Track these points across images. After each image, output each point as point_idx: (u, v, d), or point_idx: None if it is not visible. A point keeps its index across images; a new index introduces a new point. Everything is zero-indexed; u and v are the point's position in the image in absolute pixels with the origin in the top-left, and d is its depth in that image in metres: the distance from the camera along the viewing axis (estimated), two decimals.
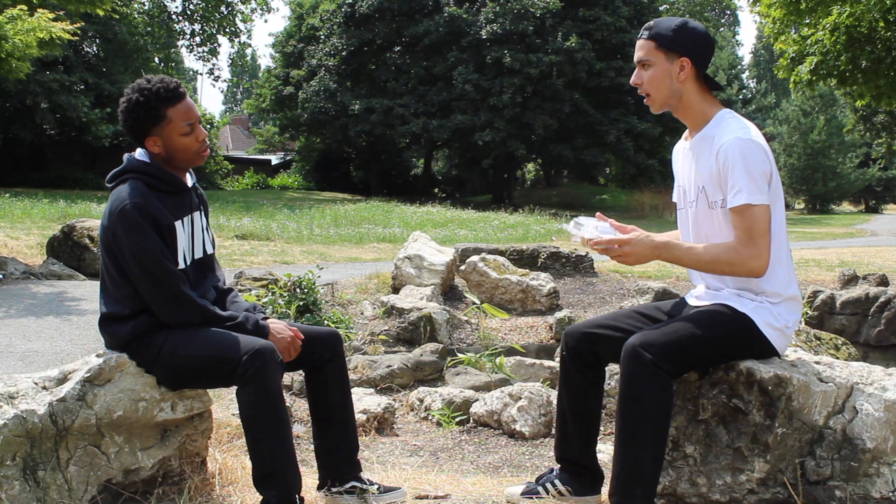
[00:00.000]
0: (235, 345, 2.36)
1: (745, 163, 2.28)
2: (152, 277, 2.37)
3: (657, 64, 2.40)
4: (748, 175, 2.28)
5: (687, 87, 2.42)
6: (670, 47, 2.38)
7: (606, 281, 8.46)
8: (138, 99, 2.43)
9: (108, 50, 25.96)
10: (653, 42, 2.40)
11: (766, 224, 2.30)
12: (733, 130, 2.33)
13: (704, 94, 2.45)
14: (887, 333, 6.59)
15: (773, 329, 2.37)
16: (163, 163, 2.51)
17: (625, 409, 2.27)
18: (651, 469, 2.26)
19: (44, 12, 8.60)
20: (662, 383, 2.24)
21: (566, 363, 2.59)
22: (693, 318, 2.36)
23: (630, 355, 2.26)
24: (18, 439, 2.30)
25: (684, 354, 2.30)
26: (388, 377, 4.72)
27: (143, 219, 2.37)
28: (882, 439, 2.30)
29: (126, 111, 2.46)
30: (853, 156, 42.07)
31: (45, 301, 6.65)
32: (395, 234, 14.15)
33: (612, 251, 2.37)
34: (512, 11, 26.09)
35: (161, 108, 2.43)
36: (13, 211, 13.12)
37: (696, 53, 2.40)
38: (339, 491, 2.61)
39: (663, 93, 2.43)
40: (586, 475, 2.63)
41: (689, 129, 2.52)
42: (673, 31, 2.39)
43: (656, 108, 2.49)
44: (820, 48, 11.28)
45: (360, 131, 28.40)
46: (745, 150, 2.28)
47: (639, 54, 2.44)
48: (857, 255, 12.02)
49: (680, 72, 2.39)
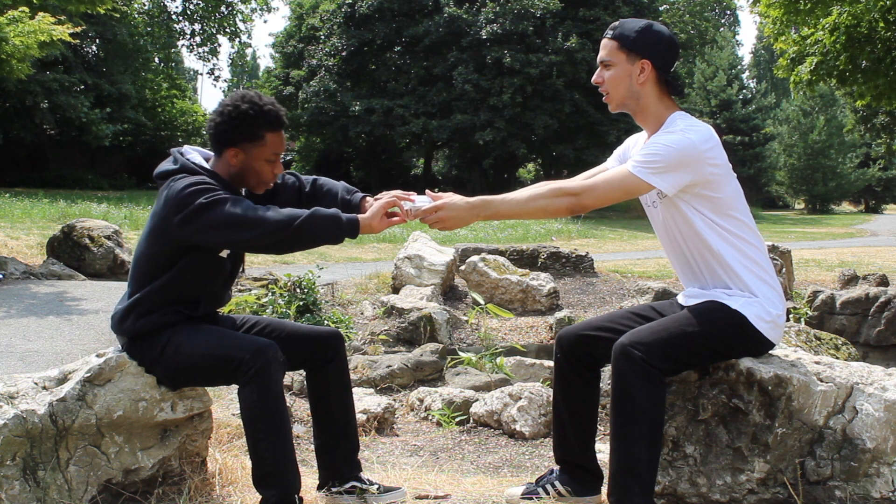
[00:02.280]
0: (239, 343, 2.36)
1: (666, 145, 2.31)
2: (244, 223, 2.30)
3: (618, 64, 2.42)
4: (655, 153, 2.30)
5: (646, 89, 2.43)
6: (632, 48, 2.40)
7: (606, 281, 8.46)
8: (246, 110, 2.41)
9: (107, 50, 25.96)
10: (616, 42, 2.42)
11: (618, 194, 2.36)
12: (681, 128, 2.36)
13: (662, 98, 2.45)
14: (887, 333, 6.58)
15: (765, 322, 2.37)
16: (224, 174, 2.48)
17: (617, 408, 2.28)
18: (647, 467, 2.26)
19: (45, 15, 8.60)
20: (653, 380, 2.25)
21: (561, 365, 2.59)
22: (683, 315, 2.37)
23: (620, 354, 2.27)
24: (18, 439, 2.30)
25: (675, 351, 2.30)
26: (388, 377, 4.72)
27: (209, 184, 2.36)
28: (882, 439, 2.30)
29: (227, 116, 2.43)
30: (853, 156, 42.10)
31: (45, 301, 6.65)
32: (395, 234, 14.15)
33: (429, 218, 2.42)
34: (512, 11, 26.09)
35: (262, 128, 2.44)
36: (13, 211, 13.12)
37: (657, 56, 2.40)
38: (339, 491, 2.60)
39: (621, 93, 2.44)
40: (586, 475, 2.63)
41: (647, 132, 2.53)
42: (636, 33, 2.40)
43: (613, 108, 2.50)
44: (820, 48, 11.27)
45: (360, 131, 28.41)
46: (678, 141, 2.31)
47: (601, 53, 2.46)
48: (857, 255, 12.03)
49: (640, 73, 2.40)
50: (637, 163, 2.32)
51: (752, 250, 2.41)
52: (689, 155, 2.30)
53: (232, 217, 2.29)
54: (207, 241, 2.36)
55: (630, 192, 2.36)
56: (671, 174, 2.31)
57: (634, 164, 2.32)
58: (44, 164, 25.24)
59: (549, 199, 2.37)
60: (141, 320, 2.43)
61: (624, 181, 2.34)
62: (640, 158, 2.32)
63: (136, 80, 27.70)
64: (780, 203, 45.86)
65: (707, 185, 2.35)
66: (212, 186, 2.35)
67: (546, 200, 2.38)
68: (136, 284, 2.47)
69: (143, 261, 2.46)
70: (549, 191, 2.38)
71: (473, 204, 2.41)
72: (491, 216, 2.42)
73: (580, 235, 17.23)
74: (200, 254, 2.42)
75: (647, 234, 19.04)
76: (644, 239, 17.46)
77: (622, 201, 2.44)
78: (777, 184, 43.11)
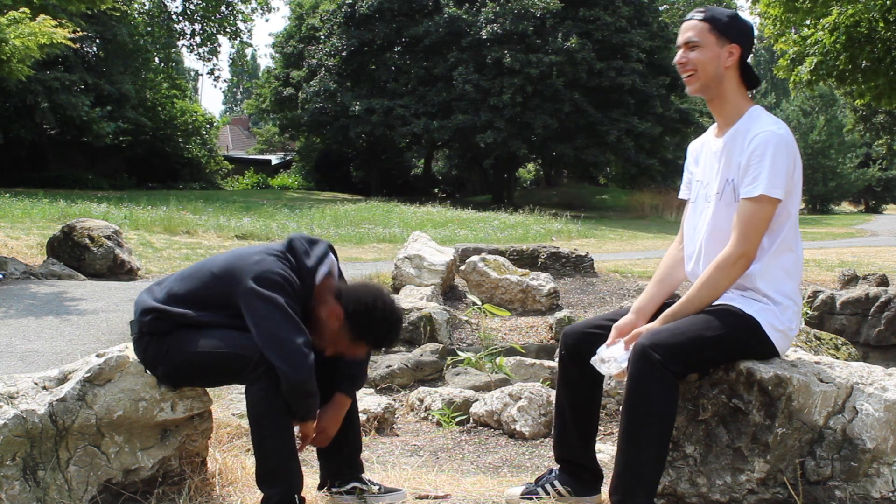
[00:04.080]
0: (248, 342, 2.35)
1: (773, 156, 2.32)
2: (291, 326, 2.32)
3: (707, 46, 2.43)
4: (773, 168, 2.32)
5: (729, 74, 2.45)
6: (724, 32, 2.42)
7: (606, 281, 8.46)
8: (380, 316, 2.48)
9: (107, 50, 25.93)
10: (707, 24, 2.43)
11: (766, 222, 2.34)
12: (768, 124, 2.38)
13: (740, 87, 2.48)
14: (887, 333, 6.58)
15: (777, 331, 2.38)
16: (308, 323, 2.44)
17: (631, 409, 2.27)
18: (653, 469, 2.27)
19: (46, 18, 8.60)
20: (669, 384, 2.25)
21: (565, 362, 2.59)
22: (700, 318, 2.36)
23: (639, 355, 2.26)
24: (18, 439, 2.30)
25: (691, 356, 2.31)
26: (388, 377, 4.72)
27: (290, 289, 2.36)
28: (882, 439, 2.30)
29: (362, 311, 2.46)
30: (853, 156, 42.09)
31: (45, 301, 6.65)
32: (395, 235, 14.15)
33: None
34: (512, 12, 26.07)
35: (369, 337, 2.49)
36: (13, 211, 13.12)
37: (745, 43, 2.45)
38: (339, 491, 2.61)
39: (708, 73, 2.44)
40: (586, 475, 2.63)
41: (720, 124, 2.53)
42: (728, 17, 2.44)
43: (694, 90, 2.49)
44: (820, 48, 11.28)
45: (360, 132, 28.39)
46: (778, 144, 2.33)
47: (688, 34, 2.45)
48: (857, 255, 12.02)
49: (728, 57, 2.43)
50: (766, 183, 2.32)
51: (792, 259, 2.43)
52: (794, 159, 2.36)
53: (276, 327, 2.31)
54: (246, 313, 2.36)
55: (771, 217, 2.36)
56: (790, 179, 2.36)
57: (765, 186, 2.31)
58: (44, 164, 25.23)
59: (727, 276, 2.36)
60: (158, 322, 2.44)
61: (764, 211, 2.34)
62: (766, 178, 2.31)
63: (136, 80, 27.68)
64: None
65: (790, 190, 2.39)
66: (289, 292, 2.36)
67: (725, 279, 2.37)
68: (181, 297, 2.45)
69: (202, 286, 2.45)
70: (718, 269, 2.37)
71: (665, 319, 2.40)
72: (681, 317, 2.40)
73: (580, 235, 17.22)
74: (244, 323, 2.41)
75: (647, 234, 19.03)
76: (644, 239, 17.45)
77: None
78: None
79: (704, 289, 2.38)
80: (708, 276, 2.38)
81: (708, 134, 2.63)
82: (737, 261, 2.34)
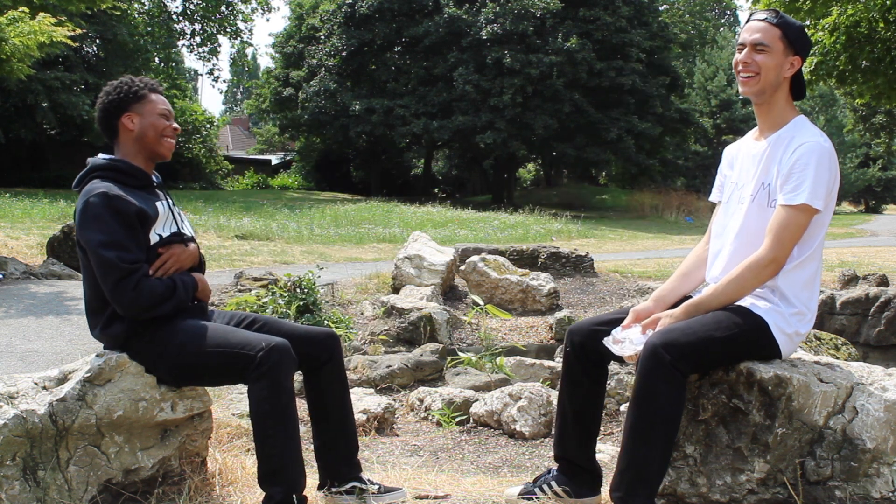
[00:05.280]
0: (249, 340, 2.36)
1: (818, 167, 2.34)
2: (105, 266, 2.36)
3: (776, 52, 2.43)
4: (816, 178, 2.33)
5: (785, 84, 2.47)
6: (793, 42, 2.44)
7: (606, 281, 8.46)
8: (123, 80, 2.59)
9: (108, 50, 25.94)
10: (780, 30, 2.43)
11: (802, 230, 2.36)
12: (814, 135, 2.41)
13: (789, 97, 2.51)
14: (887, 333, 6.58)
15: (784, 334, 2.39)
16: (130, 154, 2.57)
17: (638, 408, 2.26)
18: (657, 469, 2.27)
19: (45, 16, 8.60)
20: (677, 384, 2.25)
21: (570, 360, 2.58)
22: (711, 318, 2.36)
23: (650, 354, 2.25)
24: (18, 439, 2.30)
25: (701, 356, 2.31)
26: (388, 377, 4.72)
27: (105, 208, 2.38)
28: (882, 439, 2.29)
29: (110, 89, 2.58)
30: (853, 156, 42.07)
31: (45, 301, 6.65)
32: (395, 235, 14.15)
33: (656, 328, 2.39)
34: (512, 12, 26.07)
35: (144, 89, 2.58)
36: (13, 211, 13.12)
37: (805, 57, 2.48)
38: (338, 491, 2.60)
39: (769, 78, 2.44)
40: (584, 475, 2.62)
41: (762, 129, 2.54)
42: (799, 28, 2.45)
43: (751, 91, 2.48)
44: (820, 48, 11.27)
45: (360, 131, 28.38)
46: (822, 155, 2.35)
47: (757, 36, 2.43)
48: (857, 256, 12.02)
49: (790, 68, 2.45)
50: (809, 193, 2.32)
51: (814, 269, 2.44)
52: (835, 173, 2.38)
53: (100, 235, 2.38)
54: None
55: (807, 226, 2.37)
56: (830, 192, 2.37)
57: (808, 195, 2.32)
58: (44, 164, 25.23)
59: (756, 277, 2.36)
60: (122, 324, 2.45)
61: (800, 218, 2.34)
62: (810, 187, 2.32)
63: None
64: None
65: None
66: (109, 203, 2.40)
67: (754, 280, 2.37)
68: (90, 296, 2.51)
69: (89, 274, 2.48)
70: (748, 269, 2.37)
71: (687, 309, 2.40)
72: (703, 311, 2.40)
73: (580, 235, 17.22)
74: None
75: (647, 234, 19.03)
76: (644, 239, 17.46)
77: None
78: None
79: (731, 286, 2.39)
80: (738, 275, 2.38)
81: (746, 138, 2.64)
82: (769, 264, 2.35)
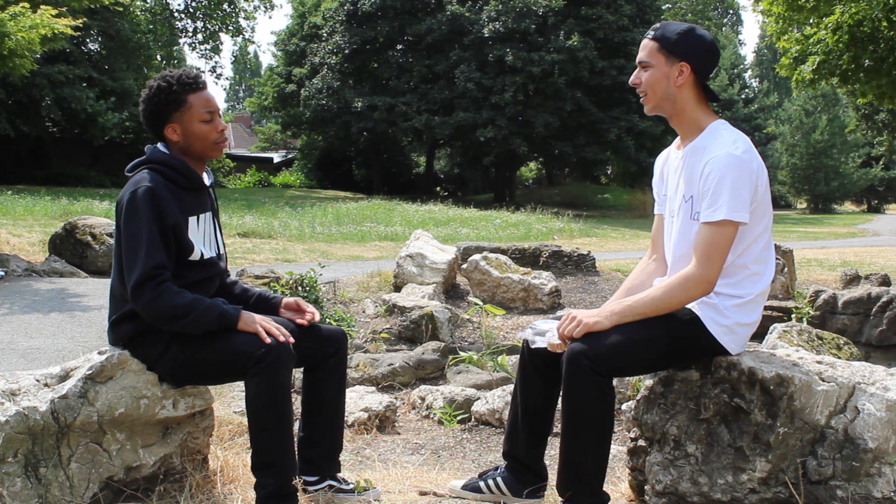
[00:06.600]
0: (251, 339, 2.37)
1: (733, 179, 2.27)
2: (133, 260, 2.38)
3: (657, 66, 2.40)
4: (733, 191, 2.27)
5: (683, 93, 2.41)
6: (672, 51, 2.38)
7: (608, 280, 8.45)
8: (160, 84, 2.48)
9: (110, 47, 25.94)
10: (656, 43, 2.40)
11: (729, 244, 2.31)
12: (724, 145, 2.32)
13: (700, 103, 2.44)
14: (889, 333, 6.57)
15: (720, 326, 2.37)
16: (180, 154, 2.53)
17: (567, 412, 2.32)
18: (594, 470, 2.34)
19: (47, 9, 8.61)
20: (601, 387, 2.27)
21: (524, 360, 2.61)
22: (639, 321, 2.34)
23: (569, 362, 2.27)
24: (20, 436, 2.30)
25: (623, 359, 2.31)
26: (389, 375, 4.72)
27: (149, 206, 2.38)
28: (884, 439, 2.29)
29: (148, 97, 2.50)
30: (856, 155, 42.03)
31: (47, 298, 6.66)
32: (396, 233, 14.15)
33: (574, 331, 2.32)
34: (514, 10, 26.06)
35: (182, 93, 2.48)
36: (15, 208, 13.13)
37: (697, 60, 2.38)
38: (315, 489, 2.62)
39: (658, 94, 2.42)
40: (529, 476, 2.63)
41: (681, 138, 2.51)
42: (678, 35, 2.38)
43: (649, 109, 2.48)
44: (822, 47, 11.26)
45: (362, 129, 28.41)
46: (731, 165, 2.27)
47: (641, 54, 2.44)
48: (859, 255, 12.01)
49: (678, 76, 2.38)
50: (727, 208, 2.26)
51: (758, 269, 2.40)
52: (754, 177, 2.30)
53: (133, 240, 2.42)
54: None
55: (734, 238, 2.31)
56: (754, 198, 2.32)
57: (727, 210, 2.26)
58: (46, 161, 25.23)
59: (686, 293, 2.32)
60: (131, 322, 2.47)
61: (724, 233, 2.28)
62: (727, 202, 2.25)
63: (139, 77, 27.67)
64: (783, 203, 45.83)
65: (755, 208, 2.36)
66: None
67: (683, 295, 2.32)
68: (118, 291, 2.52)
69: (116, 265, 2.52)
70: (679, 285, 2.32)
71: (613, 309, 2.35)
72: (629, 318, 2.33)
73: (582, 234, 17.22)
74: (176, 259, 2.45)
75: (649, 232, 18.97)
76: (646, 238, 17.43)
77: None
78: (779, 183, 43.06)
79: (662, 300, 2.33)
80: (668, 289, 2.33)
81: (671, 148, 2.60)
82: (699, 283, 2.30)
